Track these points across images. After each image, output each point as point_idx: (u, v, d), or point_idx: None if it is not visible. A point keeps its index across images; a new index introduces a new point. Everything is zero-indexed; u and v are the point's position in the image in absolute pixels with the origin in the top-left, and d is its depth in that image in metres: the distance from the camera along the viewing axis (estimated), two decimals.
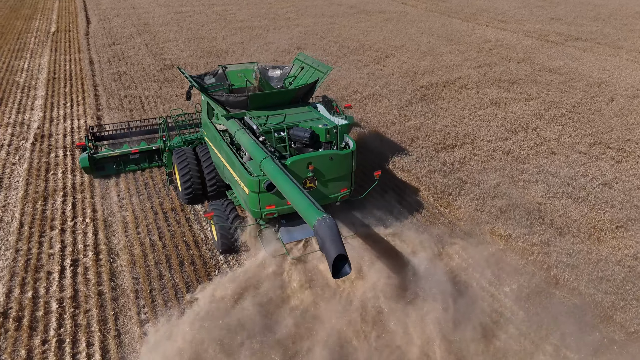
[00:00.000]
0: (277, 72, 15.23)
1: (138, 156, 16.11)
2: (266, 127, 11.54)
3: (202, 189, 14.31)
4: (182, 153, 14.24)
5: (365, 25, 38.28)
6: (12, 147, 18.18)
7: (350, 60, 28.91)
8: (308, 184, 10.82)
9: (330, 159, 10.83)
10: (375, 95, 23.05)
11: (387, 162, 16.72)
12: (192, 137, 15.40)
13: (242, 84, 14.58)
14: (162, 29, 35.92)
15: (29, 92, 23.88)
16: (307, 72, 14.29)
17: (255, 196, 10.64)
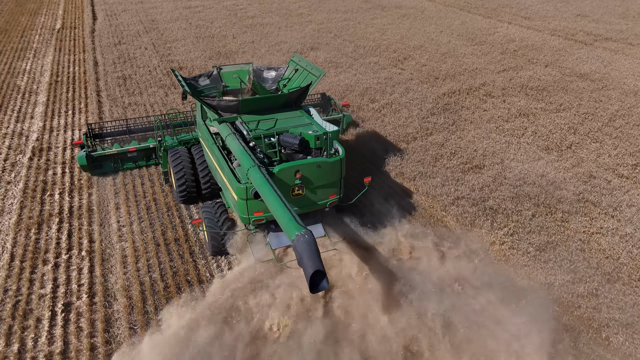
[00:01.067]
0: (272, 74, 15.26)
1: (135, 154, 16.15)
2: (256, 133, 11.58)
3: (196, 189, 14.37)
4: (177, 153, 14.40)
5: (381, 22, 36.60)
6: (8, 162, 17.09)
7: (366, 62, 27.39)
8: (296, 191, 10.88)
9: (318, 166, 10.87)
10: (394, 103, 21.59)
11: (410, 185, 15.36)
12: (187, 137, 15.43)
13: (237, 85, 14.41)
14: (170, 26, 34.60)
15: (30, 97, 22.78)
16: (301, 74, 14.28)
17: (244, 203, 10.69)
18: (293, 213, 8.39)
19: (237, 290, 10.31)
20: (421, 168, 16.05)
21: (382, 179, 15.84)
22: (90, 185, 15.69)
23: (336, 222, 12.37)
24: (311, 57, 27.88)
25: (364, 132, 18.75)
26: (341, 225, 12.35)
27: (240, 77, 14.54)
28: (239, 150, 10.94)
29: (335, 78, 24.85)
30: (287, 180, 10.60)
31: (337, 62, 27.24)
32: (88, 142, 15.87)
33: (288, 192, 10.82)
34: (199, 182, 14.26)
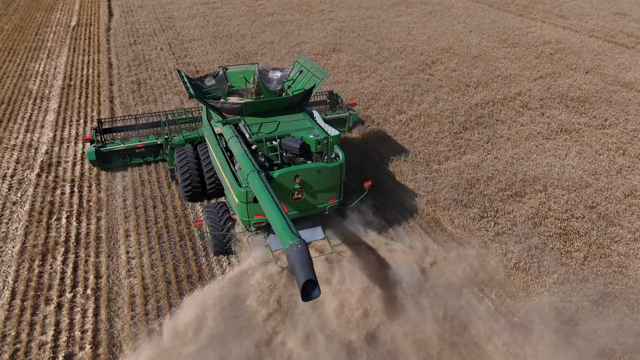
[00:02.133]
0: (277, 74, 15.40)
1: (144, 150, 16.41)
2: (258, 137, 11.70)
3: (201, 187, 14.63)
4: (183, 152, 14.68)
5: (406, 21, 34.87)
6: (15, 178, 16.21)
7: (392, 66, 25.87)
8: (295, 195, 11.01)
9: (317, 171, 10.99)
10: (422, 115, 20.13)
11: (444, 215, 14.01)
12: (193, 135, 15.62)
13: (243, 85, 14.59)
14: (187, 24, 33.43)
15: (41, 103, 21.90)
16: (305, 76, 14.37)
17: (244, 206, 10.86)
18: (288, 221, 8.51)
19: None
20: (456, 195, 14.66)
21: (412, 206, 14.51)
22: (100, 208, 14.71)
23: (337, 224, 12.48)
24: (333, 61, 26.47)
25: (391, 150, 17.38)
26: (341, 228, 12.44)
27: (245, 77, 14.68)
28: (240, 154, 11.09)
29: (359, 85, 23.44)
30: (287, 185, 10.76)
31: (361, 66, 25.78)
32: (97, 137, 16.20)
33: (287, 196, 10.95)
34: (204, 180, 14.55)
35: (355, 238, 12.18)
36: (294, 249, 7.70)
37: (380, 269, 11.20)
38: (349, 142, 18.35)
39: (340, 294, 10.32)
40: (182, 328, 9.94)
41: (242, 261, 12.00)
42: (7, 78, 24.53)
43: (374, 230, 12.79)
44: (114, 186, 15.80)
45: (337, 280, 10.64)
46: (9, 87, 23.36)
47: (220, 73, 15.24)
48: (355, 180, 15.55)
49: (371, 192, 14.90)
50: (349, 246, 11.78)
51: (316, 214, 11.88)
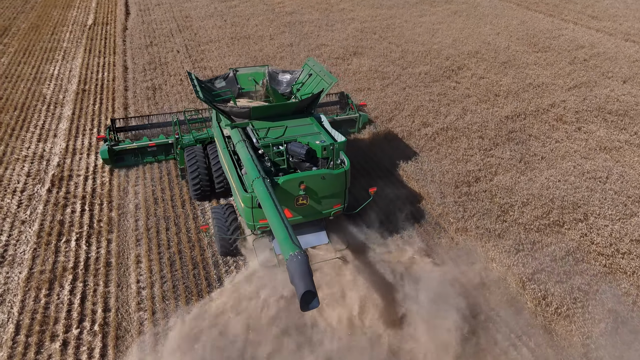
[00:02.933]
0: (287, 77, 15.51)
1: (155, 149, 16.68)
2: (265, 142, 11.82)
3: (210, 187, 14.87)
4: (193, 152, 14.97)
5: (430, 21, 33.53)
6: (25, 194, 15.64)
7: (416, 72, 24.72)
8: (300, 201, 11.14)
9: (322, 178, 11.09)
10: (450, 129, 19.03)
11: (476, 245, 12.99)
12: (203, 136, 15.82)
13: (252, 87, 14.87)
14: (204, 23, 32.63)
15: (55, 109, 21.35)
16: (314, 80, 14.49)
17: (249, 211, 11.01)
18: (290, 231, 8.60)
19: None
20: (488, 223, 13.62)
21: (441, 234, 13.52)
22: (110, 229, 14.04)
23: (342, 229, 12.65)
24: (355, 65, 25.41)
25: (417, 169, 16.35)
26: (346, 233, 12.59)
27: (255, 79, 14.95)
28: (246, 159, 11.23)
29: (382, 92, 22.38)
30: (292, 191, 10.92)
31: (383, 72, 24.68)
32: (110, 135, 16.55)
33: (292, 202, 11.10)
34: (213, 180, 14.80)
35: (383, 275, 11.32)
36: (294, 260, 7.84)
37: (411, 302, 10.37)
38: (372, 157, 17.38)
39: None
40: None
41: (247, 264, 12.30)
42: (22, 81, 24.05)
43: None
44: (126, 204, 15.13)
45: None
46: (23, 92, 22.87)
47: (231, 75, 15.46)
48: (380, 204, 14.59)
49: (398, 217, 13.99)
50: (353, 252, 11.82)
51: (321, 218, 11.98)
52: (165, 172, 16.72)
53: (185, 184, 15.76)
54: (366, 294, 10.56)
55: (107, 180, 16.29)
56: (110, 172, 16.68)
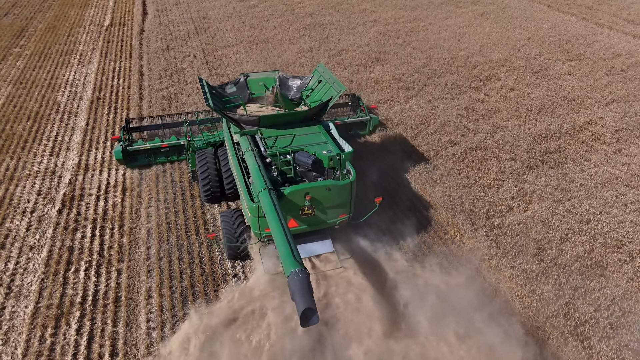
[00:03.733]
0: (297, 82, 15.60)
1: (168, 149, 16.90)
2: (272, 151, 12.01)
3: (220, 190, 14.98)
4: (204, 156, 15.07)
5: (455, 24, 32.15)
6: (35, 215, 15.08)
7: (442, 82, 23.54)
8: (306, 211, 11.26)
9: (327, 189, 11.17)
10: (479, 148, 17.91)
11: (511, 289, 11.97)
12: (214, 139, 15.87)
13: (263, 93, 14.94)
14: (222, 25, 31.79)
15: (69, 119, 20.79)
16: (324, 87, 14.49)
17: (256, 220, 11.15)
18: (292, 247, 8.64)
19: None
20: (524, 263, 12.57)
21: (472, 274, 12.52)
22: (121, 257, 13.38)
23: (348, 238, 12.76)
24: (377, 74, 24.33)
25: (444, 195, 15.33)
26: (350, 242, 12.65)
27: (266, 85, 15.03)
28: (254, 169, 11.38)
29: (406, 105, 21.30)
30: (297, 201, 11.04)
31: (408, 82, 23.56)
32: (124, 135, 16.86)
33: (298, 212, 11.23)
34: (222, 183, 14.87)
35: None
36: (294, 278, 7.88)
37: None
38: (396, 179, 16.39)
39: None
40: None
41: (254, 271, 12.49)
42: (36, 88, 23.57)
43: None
44: (138, 229, 14.46)
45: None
46: (37, 100, 22.38)
47: (242, 80, 15.51)
48: (406, 234, 13.65)
49: (422, 250, 13.04)
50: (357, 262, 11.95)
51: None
52: (180, 192, 16.01)
53: (198, 196, 15.59)
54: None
55: (119, 201, 15.65)
56: (122, 192, 16.04)
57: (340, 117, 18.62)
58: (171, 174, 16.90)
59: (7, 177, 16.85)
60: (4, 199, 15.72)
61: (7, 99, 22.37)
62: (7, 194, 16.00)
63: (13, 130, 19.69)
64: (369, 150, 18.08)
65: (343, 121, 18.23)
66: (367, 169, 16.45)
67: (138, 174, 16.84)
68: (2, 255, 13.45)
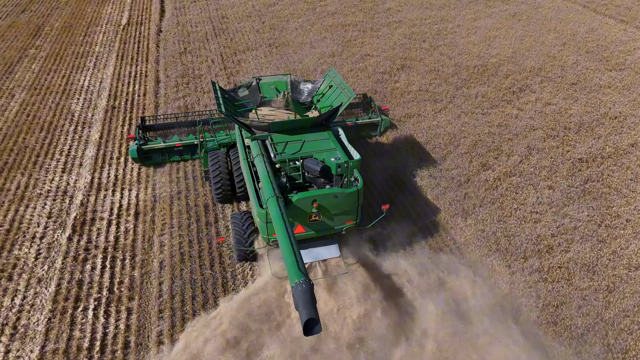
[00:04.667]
0: (308, 86, 15.84)
1: (182, 148, 17.32)
2: (282, 157, 12.22)
3: (231, 190, 15.25)
4: (216, 157, 15.40)
5: (485, 26, 30.53)
6: (44, 241, 14.43)
7: (472, 94, 22.20)
8: (313, 218, 11.49)
9: (334, 197, 11.39)
10: (514, 173, 16.69)
11: (552, 346, 10.88)
12: (226, 140, 16.24)
13: (274, 96, 15.20)
14: (241, 26, 30.72)
15: (82, 131, 20.10)
16: (334, 92, 14.70)
17: (264, 225, 11.43)
18: (298, 257, 8.80)
19: None
20: (568, 318, 11.43)
21: (510, 323, 11.45)
22: (132, 294, 12.64)
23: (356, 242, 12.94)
24: (403, 83, 23.07)
25: (477, 230, 14.22)
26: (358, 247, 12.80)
27: (277, 88, 15.29)
28: (263, 176, 11.62)
29: (434, 120, 20.07)
30: (305, 208, 11.30)
31: (435, 93, 22.28)
32: (140, 134, 17.14)
33: (305, 218, 11.48)
34: (234, 183, 15.12)
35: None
36: (298, 288, 8.06)
37: None
38: (425, 210, 15.30)
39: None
40: None
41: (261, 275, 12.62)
42: (51, 94, 22.94)
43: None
44: (150, 260, 13.71)
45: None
46: (51, 108, 21.74)
47: (254, 84, 15.67)
48: (434, 274, 12.62)
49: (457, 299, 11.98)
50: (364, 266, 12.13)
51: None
52: (194, 217, 15.20)
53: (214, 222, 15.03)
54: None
55: (131, 227, 14.91)
56: (135, 217, 15.30)
57: (350, 119, 18.66)
58: (186, 196, 16.11)
59: (18, 196, 16.25)
60: (13, 222, 15.12)
61: (21, 106, 21.79)
62: (17, 216, 15.39)
63: (25, 143, 19.09)
64: (396, 173, 17.00)
65: (354, 122, 18.39)
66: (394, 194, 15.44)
67: (152, 198, 16.09)
68: (9, 289, 12.84)
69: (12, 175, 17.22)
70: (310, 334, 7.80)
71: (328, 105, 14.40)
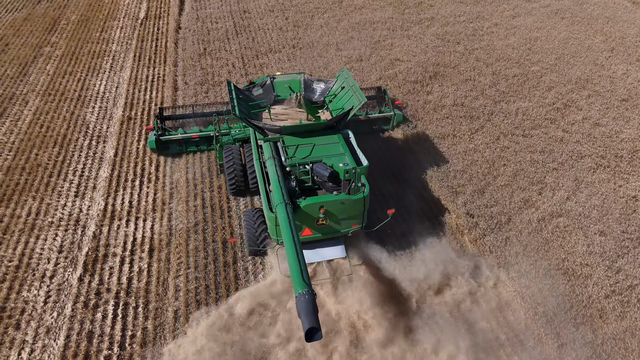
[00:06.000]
0: (321, 86, 16.15)
1: (198, 139, 17.90)
2: (292, 162, 12.59)
3: (245, 183, 15.78)
4: (231, 151, 15.94)
5: (525, 25, 28.33)
6: (55, 281, 13.64)
7: (511, 110, 20.48)
8: (320, 222, 11.89)
9: (341, 203, 11.73)
10: (561, 214, 15.19)
11: None
12: (241, 135, 16.73)
13: (288, 94, 15.50)
14: (263, 22, 29.12)
15: (97, 146, 19.15)
16: (346, 94, 14.87)
17: (273, 227, 11.83)
18: (302, 266, 9.12)
19: None
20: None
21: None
22: (144, 353, 11.77)
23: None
24: (435, 96, 21.42)
25: (523, 287, 12.86)
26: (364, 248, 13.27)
27: (291, 87, 15.61)
28: (274, 180, 11.92)
29: (470, 143, 18.51)
30: (312, 213, 11.75)
31: (471, 108, 20.61)
32: (158, 124, 17.59)
33: (313, 222, 11.94)
34: (247, 177, 15.57)
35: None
36: (301, 299, 8.42)
37: None
38: (458, 249, 13.99)
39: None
40: None
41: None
42: (65, 102, 21.98)
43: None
44: (165, 309, 12.83)
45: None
46: (65, 118, 20.79)
47: (268, 82, 16.06)
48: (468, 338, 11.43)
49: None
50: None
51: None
52: (212, 256, 14.22)
53: (232, 264, 14.19)
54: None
55: (145, 267, 14.01)
56: (149, 253, 14.39)
57: (362, 112, 18.75)
58: (203, 230, 15.10)
59: (29, 225, 15.46)
60: (23, 256, 14.36)
61: (35, 116, 20.90)
62: (27, 249, 14.62)
63: (38, 161, 18.23)
64: (430, 208, 15.66)
65: (367, 116, 18.66)
66: (427, 233, 14.17)
67: (167, 229, 15.13)
68: (16, 339, 12.11)
69: (23, 200, 16.43)
70: (311, 341, 8.19)
71: (339, 108, 14.67)
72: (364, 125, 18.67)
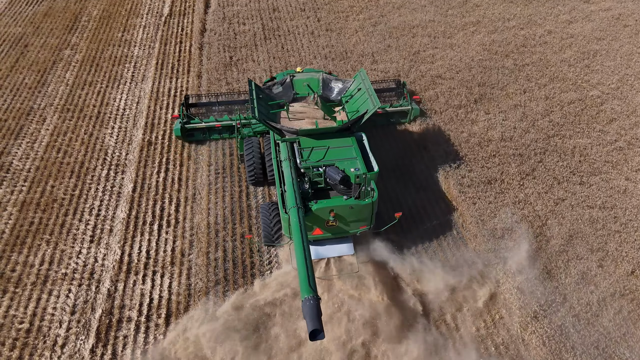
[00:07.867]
0: (339, 85, 16.67)
1: (221, 128, 18.69)
2: (306, 164, 13.41)
3: (263, 174, 16.75)
4: (251, 143, 16.84)
5: (583, 34, 25.51)
6: (66, 351, 12.75)
7: (567, 148, 18.37)
8: (330, 223, 12.83)
9: (350, 207, 12.62)
10: (625, 294, 13.41)
11: None
12: (260, 129, 17.29)
13: (307, 92, 15.99)
14: (294, 24, 27.07)
15: (115, 178, 18.01)
16: (362, 96, 15.33)
17: (287, 225, 12.75)
18: (310, 272, 9.81)
19: None
20: None
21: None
22: None
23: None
24: (480, 127, 19.39)
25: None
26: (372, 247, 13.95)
27: (310, 86, 16.05)
28: (288, 183, 12.61)
29: (520, 191, 16.67)
30: (323, 216, 12.58)
31: (521, 145, 18.57)
32: (183, 112, 18.52)
33: (323, 223, 12.79)
34: (265, 169, 16.58)
35: None
36: (307, 303, 9.16)
37: None
38: (505, 339, 12.46)
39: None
40: None
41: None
42: (84, 121, 20.79)
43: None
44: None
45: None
46: (84, 141, 19.65)
47: (288, 81, 16.70)
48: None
49: None
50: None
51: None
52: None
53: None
54: None
55: (161, 337, 12.99)
56: (166, 321, 13.35)
57: (383, 105, 19.06)
58: (224, 290, 13.92)
59: (41, 277, 14.58)
60: (34, 318, 13.51)
61: (52, 137, 19.82)
62: (39, 308, 13.76)
63: (54, 195, 17.23)
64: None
65: (385, 110, 19.10)
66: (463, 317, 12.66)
67: (186, 287, 14.04)
68: None
69: (36, 244, 15.53)
70: (314, 340, 8.88)
71: (355, 110, 15.09)
72: (382, 118, 19.26)
